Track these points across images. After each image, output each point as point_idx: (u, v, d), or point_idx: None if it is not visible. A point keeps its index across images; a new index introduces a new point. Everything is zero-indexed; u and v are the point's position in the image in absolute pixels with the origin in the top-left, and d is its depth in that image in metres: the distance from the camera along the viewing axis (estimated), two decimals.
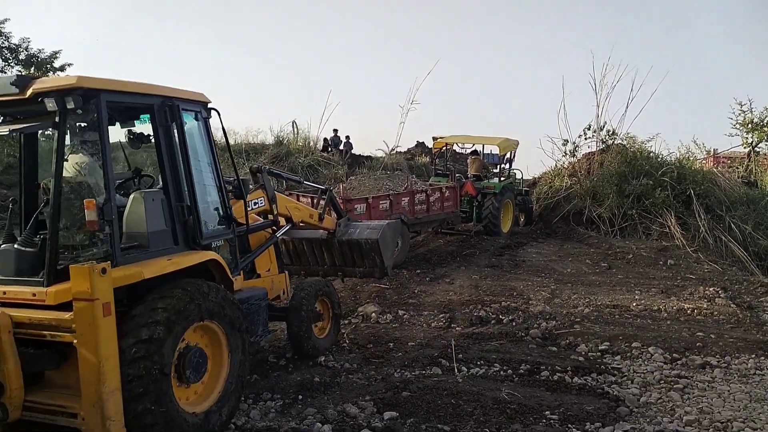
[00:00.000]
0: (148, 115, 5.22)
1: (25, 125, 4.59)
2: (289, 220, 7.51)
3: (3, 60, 19.01)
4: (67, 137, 4.69)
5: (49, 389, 4.51)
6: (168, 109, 5.13)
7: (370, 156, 24.12)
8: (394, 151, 23.78)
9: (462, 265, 12.97)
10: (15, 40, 19.08)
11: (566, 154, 19.32)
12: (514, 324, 8.53)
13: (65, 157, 4.64)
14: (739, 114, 19.30)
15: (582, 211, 17.28)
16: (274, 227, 6.90)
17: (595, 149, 19.07)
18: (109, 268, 4.13)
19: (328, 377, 6.44)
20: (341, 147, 24.18)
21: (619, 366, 6.88)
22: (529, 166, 28.97)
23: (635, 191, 16.39)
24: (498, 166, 18.41)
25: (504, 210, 16.56)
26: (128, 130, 5.52)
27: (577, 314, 9.09)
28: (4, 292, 4.46)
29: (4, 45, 18.94)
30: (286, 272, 7.36)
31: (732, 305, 9.75)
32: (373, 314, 9.12)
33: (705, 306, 9.68)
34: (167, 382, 4.46)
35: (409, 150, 26.94)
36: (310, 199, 10.98)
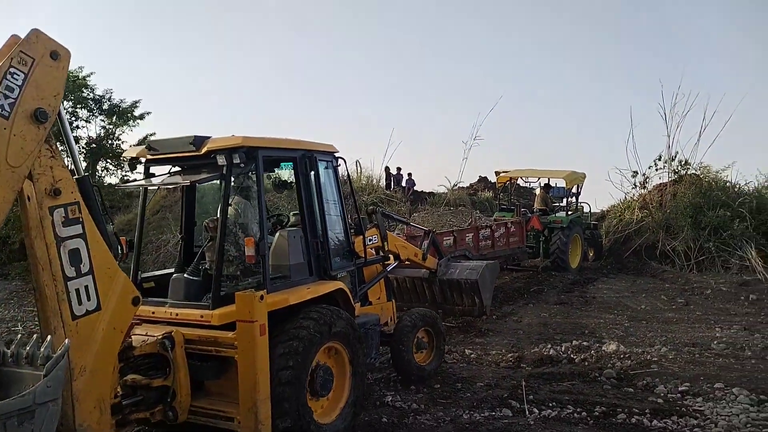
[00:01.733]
0: (290, 164, 6.07)
1: (202, 177, 5.51)
2: (396, 257, 8.25)
3: (88, 110, 20.27)
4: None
5: (209, 397, 5.29)
6: (308, 160, 5.98)
7: (432, 192, 24.18)
8: (457, 187, 23.77)
9: (530, 303, 12.72)
10: (99, 92, 20.37)
11: (636, 185, 18.88)
12: (586, 363, 8.26)
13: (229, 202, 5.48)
14: None
15: (655, 245, 16.76)
16: (384, 261, 7.64)
17: (666, 180, 18.54)
18: (266, 295, 4.95)
19: (396, 418, 6.41)
20: (403, 184, 24.37)
21: (701, 408, 6.54)
22: (597, 199, 28.21)
23: (712, 223, 15.80)
24: (564, 200, 18.07)
25: (572, 245, 16.15)
26: (274, 178, 6.70)
27: (654, 353, 8.72)
28: (177, 314, 5.28)
29: (89, 96, 20.19)
30: (393, 301, 7.92)
31: None
32: None
33: None
34: (304, 395, 5.16)
35: (471, 185, 26.87)
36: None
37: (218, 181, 5.88)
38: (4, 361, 3.66)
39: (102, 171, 20.89)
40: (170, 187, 9.45)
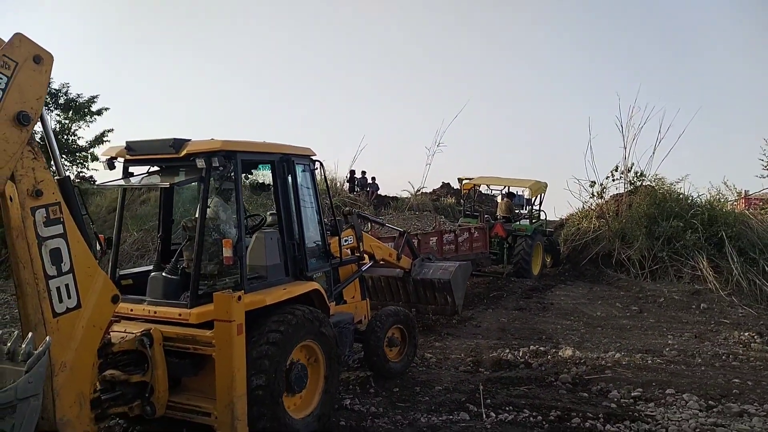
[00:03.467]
0: (267, 166, 6.20)
1: (183, 179, 5.65)
2: (372, 257, 8.52)
3: (43, 104, 19.63)
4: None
5: (186, 392, 5.39)
6: (285, 163, 6.13)
7: (396, 197, 24.23)
8: (420, 192, 23.88)
9: (489, 308, 12.85)
10: (56, 85, 19.72)
11: (594, 195, 19.22)
12: (543, 368, 8.37)
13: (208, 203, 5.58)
14: None
15: (611, 253, 17.07)
16: (359, 262, 7.81)
17: (623, 191, 18.94)
18: (243, 295, 5.06)
19: (354, 421, 6.38)
20: (367, 188, 24.35)
21: (653, 413, 6.69)
22: (555, 207, 28.73)
23: (665, 233, 16.16)
24: (525, 207, 18.43)
25: (534, 252, 16.51)
26: (252, 180, 6.77)
27: (608, 359, 8.90)
28: (155, 312, 5.40)
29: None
30: (368, 299, 8.14)
31: None
32: None
33: (740, 351, 9.43)
34: (279, 391, 5.32)
35: (434, 191, 27.02)
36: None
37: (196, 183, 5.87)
38: None
39: None
40: (149, 187, 9.44)
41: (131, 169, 5.97)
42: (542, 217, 18.15)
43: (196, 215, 5.73)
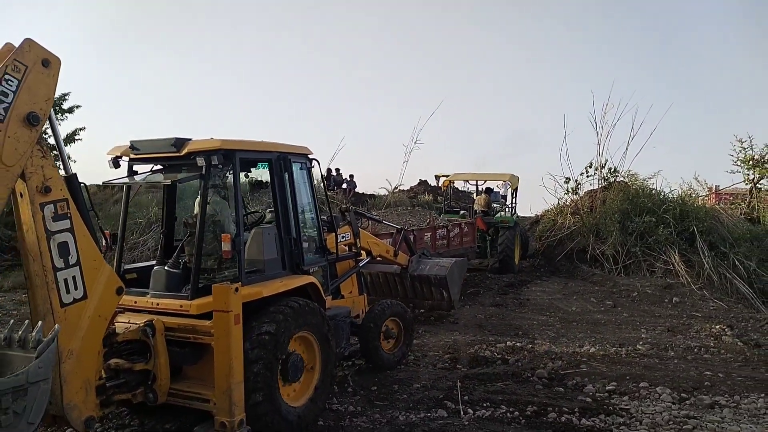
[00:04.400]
0: (266, 164, 6.42)
1: (183, 176, 5.93)
2: (369, 253, 8.82)
3: None
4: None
5: (187, 380, 5.60)
6: (282, 161, 6.34)
7: (373, 194, 24.24)
8: (397, 190, 23.92)
9: (466, 304, 12.90)
10: None
11: (568, 191, 19.43)
12: (519, 364, 8.45)
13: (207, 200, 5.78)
14: (740, 151, 19.34)
15: (585, 249, 17.28)
16: (357, 257, 8.08)
17: (597, 187, 19.17)
18: (241, 287, 5.24)
19: (332, 420, 6.36)
20: (344, 186, 24.32)
21: (627, 407, 6.80)
22: (531, 203, 29.02)
23: (638, 229, 16.39)
24: (510, 200, 18.96)
25: (516, 243, 17.05)
26: (250, 178, 6.93)
27: (584, 353, 9.01)
28: (158, 303, 5.66)
29: None
30: (365, 294, 8.44)
31: (739, 343, 9.67)
32: None
33: (712, 344, 9.61)
34: (275, 379, 5.55)
35: (411, 188, 27.09)
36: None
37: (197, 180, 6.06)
38: None
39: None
40: (152, 184, 9.82)
41: (135, 167, 6.23)
42: (517, 210, 18.67)
43: (196, 212, 5.94)
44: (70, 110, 19.92)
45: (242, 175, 6.62)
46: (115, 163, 6.07)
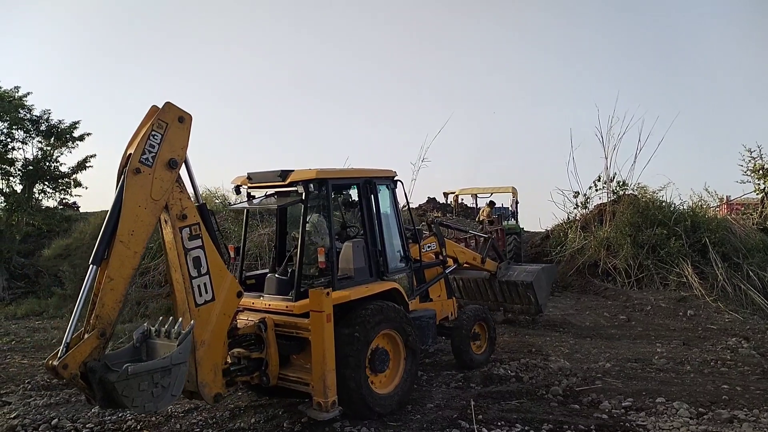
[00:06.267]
0: (355, 187, 7.60)
1: (287, 201, 7.22)
2: (456, 261, 9.82)
3: (25, 132, 19.35)
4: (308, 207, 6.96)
5: (292, 367, 6.78)
6: (368, 185, 7.48)
7: None
8: (405, 208, 23.95)
9: None
10: (37, 112, 19.50)
11: (578, 206, 19.38)
12: (533, 382, 8.37)
13: (307, 220, 6.92)
14: (749, 161, 19.23)
15: (597, 263, 17.18)
16: (443, 265, 9.15)
17: (606, 200, 19.11)
18: (332, 292, 6.38)
19: None
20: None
21: (644, 423, 6.71)
22: (541, 218, 28.91)
23: (650, 241, 16.30)
24: (510, 213, 20.42)
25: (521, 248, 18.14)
26: (344, 198, 8.22)
27: (598, 369, 8.92)
28: (269, 304, 6.90)
29: (26, 117, 19.30)
30: (455, 298, 9.42)
31: (756, 355, 9.56)
32: None
33: (728, 357, 9.50)
34: (363, 369, 6.63)
35: (420, 206, 27.10)
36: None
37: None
38: (151, 335, 5.34)
39: (39, 194, 19.92)
40: (265, 208, 11.54)
41: (252, 193, 7.58)
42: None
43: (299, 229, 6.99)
44: (81, 138, 20.12)
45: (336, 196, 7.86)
46: (237, 190, 7.48)
